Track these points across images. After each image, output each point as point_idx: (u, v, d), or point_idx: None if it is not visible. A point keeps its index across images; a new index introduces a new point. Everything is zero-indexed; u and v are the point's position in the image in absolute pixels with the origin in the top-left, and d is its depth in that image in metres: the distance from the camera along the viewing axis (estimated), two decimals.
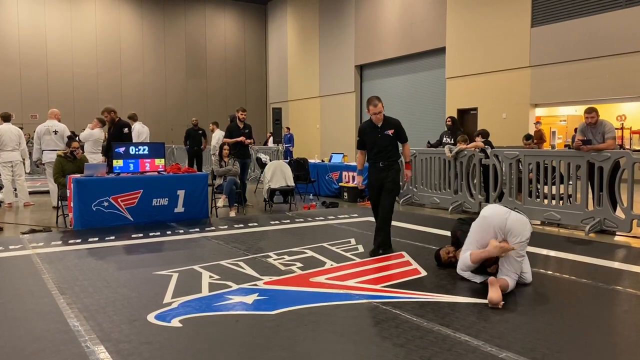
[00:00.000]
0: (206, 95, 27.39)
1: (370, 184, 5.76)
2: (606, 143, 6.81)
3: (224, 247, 5.95)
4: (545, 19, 14.56)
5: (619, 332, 3.45)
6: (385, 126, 5.63)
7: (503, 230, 4.10)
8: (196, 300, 3.96)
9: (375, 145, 5.63)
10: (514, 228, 4.08)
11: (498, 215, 4.15)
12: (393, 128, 5.64)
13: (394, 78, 20.37)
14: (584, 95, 13.89)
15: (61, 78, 23.97)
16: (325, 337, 3.26)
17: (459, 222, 4.75)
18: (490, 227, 4.15)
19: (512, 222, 4.10)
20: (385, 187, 5.59)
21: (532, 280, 4.39)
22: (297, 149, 22.25)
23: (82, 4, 24.31)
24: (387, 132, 5.61)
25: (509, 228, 4.09)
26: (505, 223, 4.10)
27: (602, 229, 6.76)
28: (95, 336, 3.25)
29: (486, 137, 9.03)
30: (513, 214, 4.18)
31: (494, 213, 4.20)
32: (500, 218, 4.13)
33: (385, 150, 5.61)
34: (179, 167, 8.27)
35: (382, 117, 5.62)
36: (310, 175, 10.80)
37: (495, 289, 3.85)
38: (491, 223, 4.15)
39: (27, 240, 6.31)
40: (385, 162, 5.61)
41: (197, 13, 27.07)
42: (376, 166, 5.65)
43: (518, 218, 4.17)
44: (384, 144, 5.61)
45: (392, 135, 5.63)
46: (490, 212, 4.22)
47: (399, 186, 5.81)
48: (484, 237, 4.19)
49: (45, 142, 9.27)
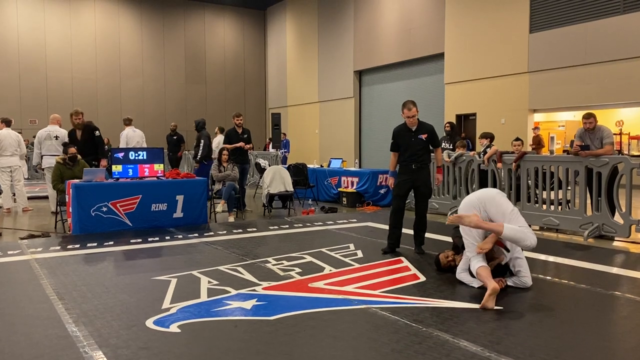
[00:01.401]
0: (205, 100, 27.42)
1: (399, 184, 5.91)
2: (604, 148, 6.83)
3: (223, 252, 5.95)
4: (544, 25, 14.62)
5: (618, 337, 3.45)
6: (419, 130, 5.86)
7: (478, 206, 4.36)
8: (195, 306, 3.96)
9: (409, 148, 5.83)
10: (483, 197, 4.41)
11: (467, 200, 4.51)
12: (427, 133, 5.87)
13: (393, 83, 20.42)
14: (582, 101, 13.93)
15: (60, 83, 23.99)
16: (324, 342, 3.26)
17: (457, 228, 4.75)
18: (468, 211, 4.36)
19: (480, 194, 4.49)
20: (420, 191, 5.87)
21: (531, 285, 4.40)
22: (297, 154, 22.26)
23: (81, 9, 24.36)
24: (420, 136, 5.83)
25: (480, 200, 4.38)
26: (475, 198, 4.44)
27: (600, 234, 6.77)
28: (93, 342, 3.25)
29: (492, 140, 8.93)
30: (479, 192, 4.58)
31: (464, 202, 4.53)
32: (469, 199, 4.50)
33: (418, 153, 5.81)
34: (177, 173, 8.27)
35: (417, 120, 5.83)
36: (309, 181, 10.81)
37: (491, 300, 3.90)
38: (466, 209, 4.41)
39: (25, 246, 6.30)
40: (418, 164, 5.82)
41: (196, 18, 27.14)
42: (409, 167, 5.84)
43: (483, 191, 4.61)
44: (417, 147, 5.81)
45: (426, 139, 5.85)
46: (462, 205, 4.54)
47: (431, 190, 6.05)
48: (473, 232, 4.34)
49: (46, 147, 9.29)
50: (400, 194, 5.91)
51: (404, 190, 5.90)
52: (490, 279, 4.09)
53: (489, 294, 3.90)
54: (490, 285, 3.96)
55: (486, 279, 4.09)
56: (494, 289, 3.92)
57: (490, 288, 3.93)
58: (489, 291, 3.90)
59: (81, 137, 8.71)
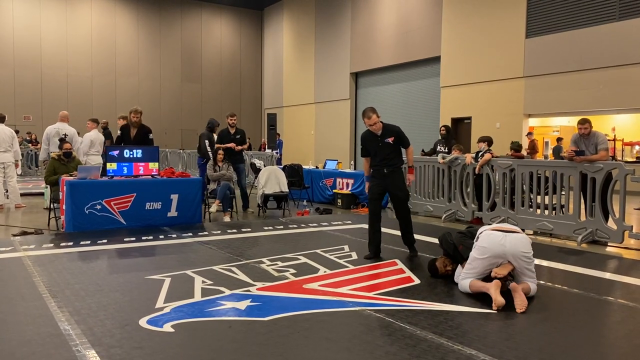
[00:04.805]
0: (201, 99, 27.38)
1: (373, 187, 5.84)
2: (599, 154, 6.85)
3: (217, 252, 5.93)
4: (540, 31, 14.70)
5: (611, 342, 3.46)
6: (385, 134, 5.73)
7: (503, 257, 4.15)
8: (189, 306, 3.94)
9: (378, 154, 5.76)
10: (512, 252, 4.13)
11: (495, 244, 4.16)
12: (393, 135, 5.74)
13: (389, 86, 20.46)
14: (577, 107, 14.01)
15: (55, 80, 23.89)
16: (318, 344, 3.25)
17: (461, 237, 4.64)
18: (490, 257, 4.18)
19: (510, 247, 4.13)
20: (397, 196, 5.79)
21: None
22: (292, 155, 22.27)
23: (77, 7, 24.27)
24: (387, 140, 5.72)
25: (509, 253, 4.13)
26: (504, 250, 4.13)
27: (594, 239, 6.79)
28: (86, 340, 3.22)
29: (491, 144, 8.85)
30: (509, 238, 4.18)
31: (492, 242, 4.18)
32: (497, 247, 4.15)
33: (388, 157, 5.73)
34: (172, 171, 8.24)
35: (381, 126, 5.71)
36: (304, 182, 10.80)
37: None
38: (490, 253, 4.18)
39: (18, 243, 6.26)
40: (389, 168, 5.73)
41: (193, 17, 27.10)
42: (380, 172, 5.77)
43: (514, 241, 4.17)
44: (386, 152, 5.72)
45: (393, 142, 5.73)
46: (488, 242, 4.20)
47: (407, 193, 5.94)
48: (484, 266, 4.22)
49: (54, 143, 9.30)
50: (374, 197, 5.81)
51: (377, 193, 5.81)
52: (484, 284, 4.12)
53: (494, 289, 3.96)
54: (489, 288, 4.01)
55: (481, 287, 4.14)
56: (496, 284, 4.00)
57: (491, 288, 3.99)
58: (492, 289, 3.97)
59: (134, 136, 8.53)
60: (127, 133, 8.57)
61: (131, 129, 8.57)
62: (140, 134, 8.51)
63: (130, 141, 8.40)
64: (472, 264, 4.29)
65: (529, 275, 4.25)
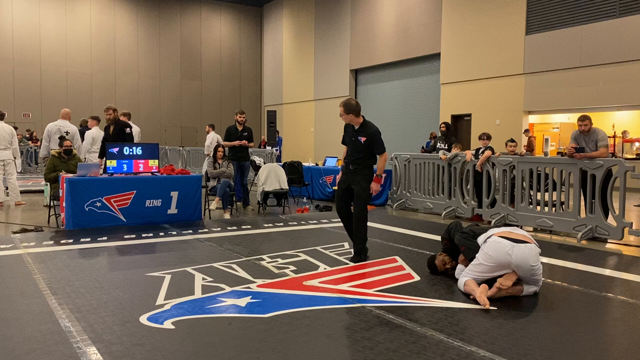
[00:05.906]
0: (200, 97, 27.35)
1: (339, 184, 5.64)
2: (599, 151, 6.86)
3: (217, 249, 5.94)
4: (540, 27, 14.68)
5: (611, 339, 3.47)
6: (360, 131, 5.45)
7: (508, 267, 4.12)
8: (189, 302, 3.95)
9: (349, 146, 5.54)
10: (519, 264, 4.08)
11: (502, 254, 4.09)
12: (366, 136, 5.40)
13: (388, 83, 20.44)
14: (577, 103, 14.01)
15: (55, 77, 23.87)
16: (318, 340, 3.26)
17: (463, 236, 4.58)
18: (495, 265, 4.15)
19: (516, 259, 4.06)
20: (354, 191, 5.45)
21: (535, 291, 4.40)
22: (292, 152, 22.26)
23: (77, 4, 24.22)
24: (359, 137, 5.42)
25: (514, 264, 4.08)
26: (510, 261, 4.07)
27: (594, 236, 6.80)
28: (87, 337, 3.23)
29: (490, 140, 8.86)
30: (516, 249, 4.07)
31: (498, 251, 4.11)
32: (504, 257, 4.08)
33: (357, 155, 5.44)
34: (172, 169, 8.24)
35: (361, 120, 5.46)
36: (304, 179, 10.80)
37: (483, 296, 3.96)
38: (495, 262, 4.14)
39: (18, 240, 6.26)
40: (355, 165, 5.46)
41: (192, 14, 27.05)
42: (347, 167, 5.54)
43: (522, 254, 4.07)
44: (357, 148, 5.45)
45: (364, 142, 5.40)
46: (494, 251, 4.13)
47: (367, 193, 5.45)
48: (488, 272, 4.20)
49: (55, 141, 9.30)
50: (338, 194, 5.60)
51: (341, 190, 5.56)
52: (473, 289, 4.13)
53: (479, 292, 4.00)
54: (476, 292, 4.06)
55: (470, 291, 4.15)
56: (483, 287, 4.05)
57: (477, 291, 4.04)
58: (477, 292, 4.01)
59: (112, 133, 8.55)
60: (108, 131, 8.62)
61: (110, 127, 8.61)
62: (116, 130, 8.49)
63: (109, 138, 8.42)
64: (477, 265, 4.26)
65: (533, 282, 4.22)
